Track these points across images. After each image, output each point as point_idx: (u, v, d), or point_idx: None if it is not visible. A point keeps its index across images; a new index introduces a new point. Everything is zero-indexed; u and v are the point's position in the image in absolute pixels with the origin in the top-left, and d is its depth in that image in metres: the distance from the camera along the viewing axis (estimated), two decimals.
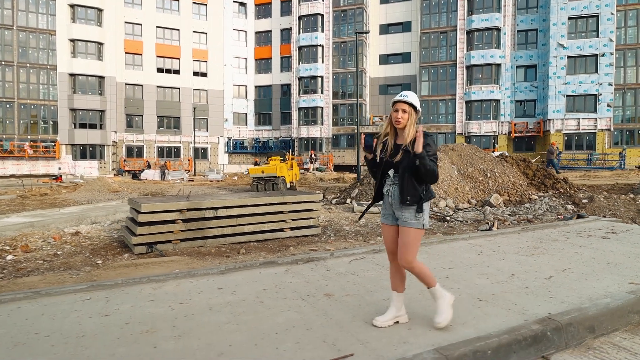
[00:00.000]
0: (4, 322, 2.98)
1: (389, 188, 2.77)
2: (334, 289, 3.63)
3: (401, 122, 2.68)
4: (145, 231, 5.44)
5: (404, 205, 2.65)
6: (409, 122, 2.68)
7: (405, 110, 2.68)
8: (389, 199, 2.77)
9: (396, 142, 2.74)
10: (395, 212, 2.75)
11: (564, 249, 5.15)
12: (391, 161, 2.71)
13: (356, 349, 2.45)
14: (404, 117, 2.68)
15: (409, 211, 2.67)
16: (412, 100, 2.69)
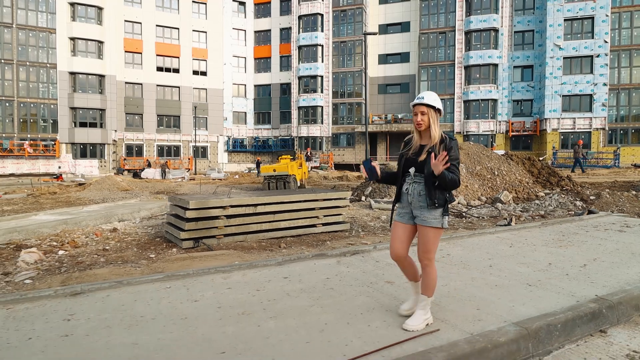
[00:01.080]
0: (103, 307, 3.26)
1: (409, 186, 2.74)
2: (391, 277, 3.96)
3: (422, 125, 2.69)
4: (193, 227, 5.72)
5: (432, 207, 2.64)
6: (431, 123, 2.69)
7: (424, 112, 2.69)
8: (407, 197, 2.74)
9: (421, 143, 2.76)
10: (413, 211, 2.74)
11: (587, 241, 5.53)
12: (414, 159, 2.71)
13: (438, 325, 2.78)
14: (424, 120, 2.69)
15: (431, 211, 2.66)
16: (428, 101, 2.69)
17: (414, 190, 2.71)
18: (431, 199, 2.63)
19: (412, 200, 2.71)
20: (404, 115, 37.93)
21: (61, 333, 2.76)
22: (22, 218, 9.02)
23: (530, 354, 2.48)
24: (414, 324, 2.67)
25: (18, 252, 5.75)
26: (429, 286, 2.77)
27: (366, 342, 2.53)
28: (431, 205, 2.64)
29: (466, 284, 3.68)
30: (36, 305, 3.33)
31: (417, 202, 2.70)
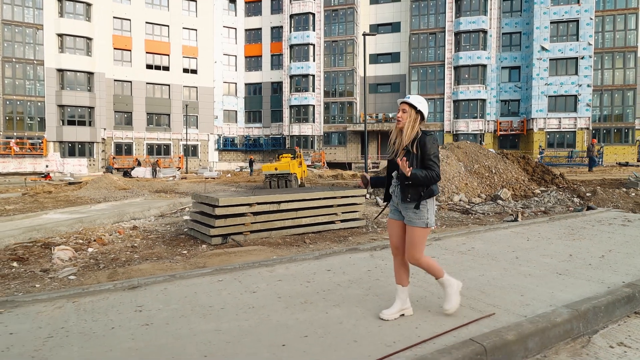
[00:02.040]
0: (166, 299, 3.41)
1: (394, 188, 2.86)
2: None
3: (400, 122, 2.78)
4: (222, 223, 5.87)
5: (404, 203, 2.75)
6: (407, 122, 2.75)
7: (405, 110, 2.76)
8: (395, 198, 2.87)
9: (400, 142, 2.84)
10: (401, 211, 2.85)
11: (596, 234, 5.89)
12: (394, 161, 2.81)
13: (491, 309, 3.03)
14: (403, 117, 2.76)
15: (414, 211, 2.75)
16: (412, 100, 2.77)
17: (398, 191, 2.82)
18: (403, 194, 2.73)
19: (398, 201, 2.83)
20: (395, 115, 38.34)
21: (141, 322, 2.92)
22: (34, 217, 9.00)
23: (581, 332, 2.76)
24: (451, 306, 2.84)
25: (46, 249, 5.81)
26: (435, 272, 2.88)
27: (432, 325, 2.76)
28: (404, 200, 2.74)
29: (501, 274, 3.95)
30: (99, 298, 3.46)
31: (401, 203, 2.81)
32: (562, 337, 2.65)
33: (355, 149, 38.97)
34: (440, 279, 2.90)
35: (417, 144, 2.72)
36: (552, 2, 31.87)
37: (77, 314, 3.11)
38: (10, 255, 5.33)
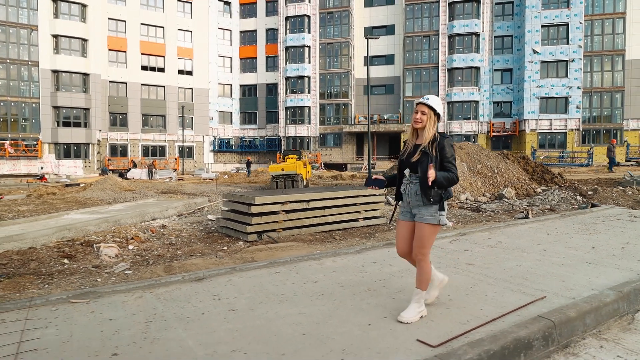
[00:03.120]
0: (237, 289, 3.67)
1: (406, 186, 2.88)
2: (468, 260, 4.53)
3: (419, 123, 2.81)
4: (258, 221, 6.13)
5: (428, 204, 2.76)
6: (428, 124, 2.81)
7: (424, 112, 2.81)
8: (405, 197, 2.88)
9: (415, 143, 2.89)
10: (412, 209, 2.87)
11: (609, 229, 6.29)
12: (408, 160, 2.84)
13: (541, 294, 3.35)
14: (423, 119, 2.81)
15: (427, 208, 2.79)
16: (432, 103, 2.82)
17: (410, 190, 2.84)
18: (426, 196, 2.75)
19: (410, 199, 2.85)
20: (389, 116, 38.90)
21: (226, 308, 3.18)
22: (57, 217, 9.13)
23: (625, 311, 3.10)
24: (409, 316, 2.78)
25: (88, 247, 6.00)
26: (423, 280, 2.87)
27: (495, 307, 3.07)
28: (427, 202, 2.76)
29: (536, 264, 4.30)
30: (172, 289, 3.70)
31: (414, 201, 2.83)
32: (611, 315, 2.99)
33: (350, 150, 39.35)
34: (420, 291, 2.87)
35: (436, 146, 2.78)
36: (542, 7, 32.72)
37: (160, 302, 3.35)
38: (58, 252, 5.51)
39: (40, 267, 4.92)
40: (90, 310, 3.18)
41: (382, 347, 2.46)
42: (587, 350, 2.58)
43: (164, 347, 2.54)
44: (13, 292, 4.09)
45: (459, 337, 2.55)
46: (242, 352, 2.44)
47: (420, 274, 2.89)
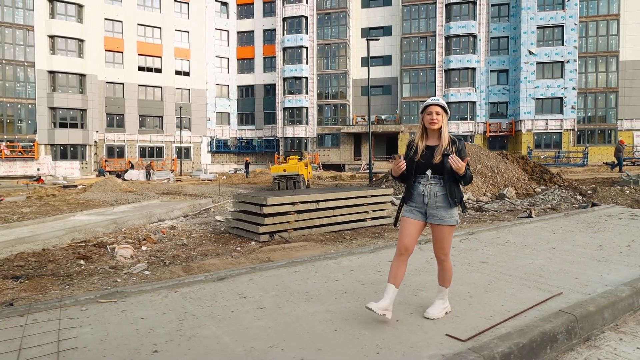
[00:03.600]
0: (261, 288, 3.75)
1: (424, 188, 2.86)
2: (481, 258, 4.64)
3: (436, 123, 2.85)
4: (270, 221, 6.21)
5: (452, 205, 2.82)
6: (443, 124, 2.88)
7: (438, 112, 2.86)
8: (423, 198, 2.86)
9: (427, 144, 2.91)
10: (429, 210, 2.87)
11: (612, 228, 6.44)
12: (428, 162, 2.84)
13: (557, 290, 3.47)
14: (439, 119, 2.86)
15: (448, 210, 2.83)
16: (443, 103, 2.90)
17: (430, 191, 2.83)
18: (452, 197, 2.80)
19: (429, 201, 2.84)
20: (387, 117, 39.08)
21: (254, 307, 3.26)
22: (63, 219, 9.14)
23: (639, 306, 3.22)
24: (435, 312, 2.91)
25: (101, 249, 6.05)
26: (446, 278, 2.97)
27: (515, 303, 3.18)
28: (452, 204, 2.82)
29: (548, 262, 4.42)
30: (197, 288, 3.78)
31: (434, 203, 2.83)
32: (627, 309, 3.11)
33: (348, 150, 39.48)
34: (445, 288, 2.98)
35: (455, 148, 2.86)
36: (538, 8, 33.05)
37: (187, 301, 3.43)
38: (73, 253, 5.56)
39: (58, 269, 4.97)
40: (120, 310, 3.25)
41: (413, 341, 2.55)
42: (607, 342, 2.70)
43: (202, 344, 2.62)
44: (35, 293, 4.15)
45: (485, 331, 2.65)
46: (279, 348, 2.53)
47: (443, 272, 2.99)
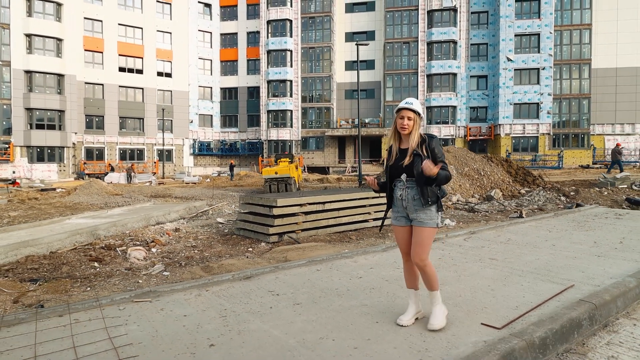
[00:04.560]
0: (289, 285, 3.89)
1: (402, 192, 2.82)
2: (490, 255, 4.90)
3: (407, 129, 2.78)
4: (279, 222, 6.33)
5: (426, 206, 2.73)
6: (414, 129, 2.79)
7: (410, 118, 2.78)
8: (402, 202, 2.82)
9: (400, 147, 2.86)
10: (409, 214, 2.83)
11: (601, 226, 6.85)
12: (400, 165, 2.80)
13: (568, 282, 3.74)
14: (409, 124, 2.78)
15: (426, 212, 2.76)
16: (416, 107, 2.80)
17: (407, 195, 2.79)
18: (424, 198, 2.72)
19: (407, 205, 2.80)
20: (370, 120, 39.58)
21: (290, 302, 3.39)
22: (59, 222, 9.00)
23: None
24: (438, 322, 2.75)
25: (110, 251, 6.03)
26: (432, 281, 2.81)
27: (534, 294, 3.42)
28: (425, 204, 2.72)
29: (552, 258, 4.71)
30: (226, 287, 3.88)
31: (412, 206, 2.78)
32: (635, 298, 3.40)
33: (332, 153, 39.76)
34: (434, 291, 2.83)
35: (425, 147, 2.77)
36: (516, 17, 34.23)
37: (222, 299, 3.53)
38: (85, 256, 5.54)
39: (73, 271, 4.96)
40: (159, 308, 3.32)
41: (453, 330, 2.75)
42: (624, 328, 2.96)
43: (253, 337, 2.73)
44: (59, 295, 4.15)
45: (516, 319, 2.87)
46: (329, 339, 2.68)
47: (427, 278, 2.81)
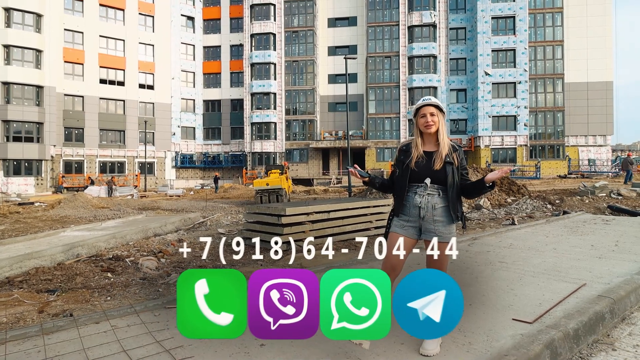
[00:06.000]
0: None
1: (422, 199, 2.48)
2: (498, 259, 5.12)
3: (433, 126, 2.47)
4: (288, 231, 6.42)
5: (456, 220, 2.49)
6: (440, 126, 2.49)
7: (433, 114, 2.48)
8: (420, 210, 2.48)
9: (425, 150, 2.54)
10: (424, 225, 2.49)
11: (594, 231, 7.21)
12: (427, 170, 2.48)
13: (580, 282, 3.97)
14: (435, 121, 2.47)
15: (447, 227, 2.49)
16: (437, 102, 2.51)
17: (428, 203, 2.47)
18: (455, 211, 2.47)
19: (426, 214, 2.47)
20: (354, 132, 40.10)
21: None
22: (54, 235, 8.82)
23: None
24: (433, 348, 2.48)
25: (118, 262, 5.98)
26: None
27: (552, 293, 3.63)
28: (455, 219, 2.48)
29: (558, 260, 4.97)
30: None
31: (432, 216, 2.47)
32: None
33: (317, 165, 40.00)
34: None
35: (456, 155, 2.53)
36: (492, 33, 35.65)
37: None
38: (96, 267, 5.48)
39: (88, 281, 4.91)
40: None
41: (489, 326, 2.91)
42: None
43: None
44: (82, 304, 4.12)
45: (544, 315, 3.06)
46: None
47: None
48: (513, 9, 35.20)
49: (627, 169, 21.85)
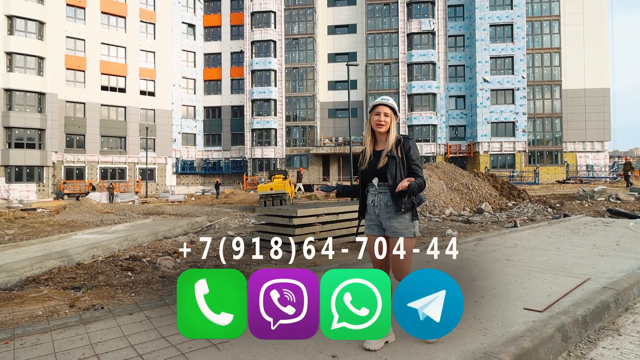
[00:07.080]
0: None
1: (374, 198, 2.60)
2: (504, 257, 5.32)
3: (384, 125, 2.56)
4: (300, 232, 6.61)
5: (399, 214, 2.51)
6: (391, 126, 2.59)
7: (387, 114, 2.58)
8: (374, 209, 2.59)
9: (375, 149, 2.64)
10: (382, 222, 2.59)
11: (594, 232, 7.42)
12: (373, 169, 2.58)
13: (584, 277, 4.17)
14: (387, 121, 2.57)
15: (400, 221, 2.53)
16: (392, 103, 2.62)
17: (379, 201, 2.57)
18: (397, 205, 2.50)
19: (380, 212, 2.58)
20: (354, 138, 40.36)
21: None
22: (65, 238, 8.98)
23: None
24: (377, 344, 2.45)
25: (135, 262, 6.15)
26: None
27: (559, 286, 3.83)
28: (398, 211, 2.50)
29: (562, 258, 5.17)
30: None
31: (384, 214, 2.56)
32: None
33: (317, 171, 40.23)
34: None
35: (400, 148, 2.58)
36: (490, 40, 36.14)
37: None
38: (115, 266, 5.65)
39: (110, 280, 5.09)
40: None
41: (502, 314, 3.10)
42: None
43: None
44: (108, 300, 4.29)
45: (553, 304, 3.26)
46: None
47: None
48: (511, 17, 35.74)
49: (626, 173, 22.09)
